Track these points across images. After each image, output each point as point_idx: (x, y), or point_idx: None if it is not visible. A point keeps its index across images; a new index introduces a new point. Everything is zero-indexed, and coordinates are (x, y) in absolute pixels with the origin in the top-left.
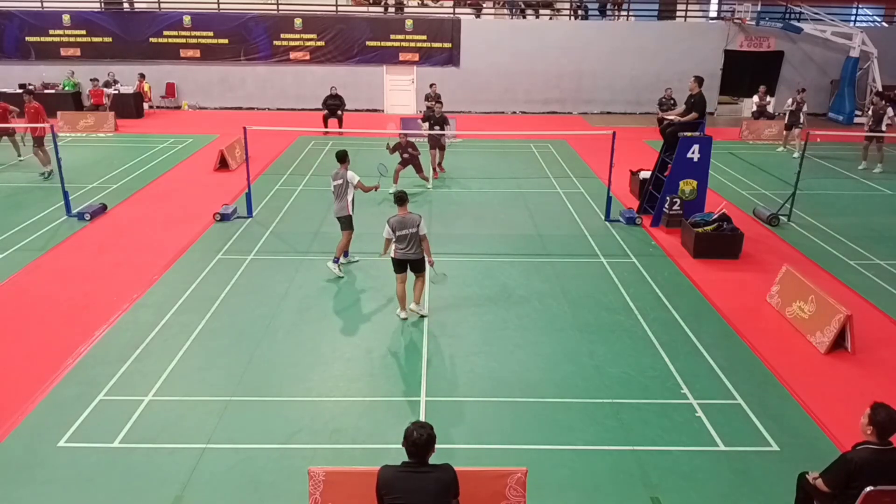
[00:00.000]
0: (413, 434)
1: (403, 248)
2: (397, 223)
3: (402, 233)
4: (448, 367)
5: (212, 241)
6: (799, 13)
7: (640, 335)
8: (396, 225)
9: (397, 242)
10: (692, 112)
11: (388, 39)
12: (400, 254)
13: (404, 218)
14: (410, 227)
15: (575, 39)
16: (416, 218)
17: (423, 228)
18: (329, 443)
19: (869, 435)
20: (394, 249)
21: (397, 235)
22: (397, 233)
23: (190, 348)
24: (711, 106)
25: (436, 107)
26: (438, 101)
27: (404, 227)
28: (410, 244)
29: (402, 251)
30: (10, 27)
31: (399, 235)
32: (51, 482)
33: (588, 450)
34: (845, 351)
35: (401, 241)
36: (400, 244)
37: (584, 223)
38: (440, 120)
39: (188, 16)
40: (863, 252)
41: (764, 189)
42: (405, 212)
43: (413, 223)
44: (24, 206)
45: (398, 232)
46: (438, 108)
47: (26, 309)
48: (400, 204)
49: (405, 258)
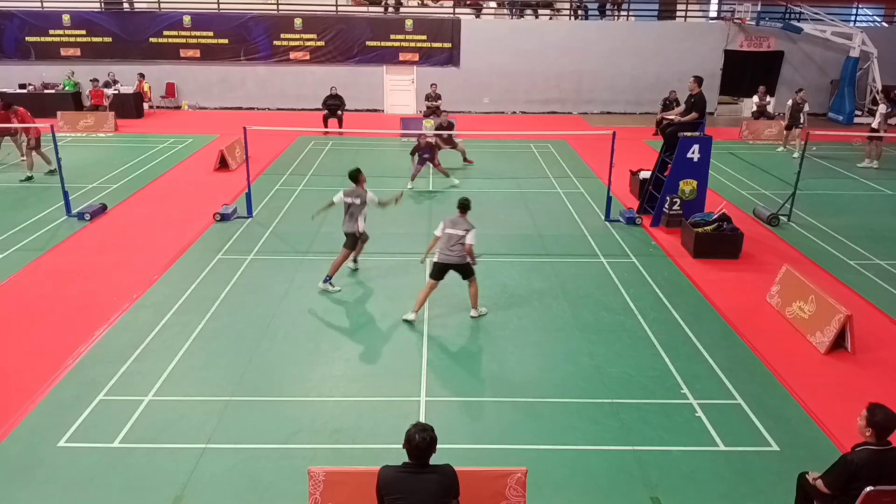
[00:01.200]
0: (415, 438)
1: (446, 250)
2: (449, 222)
3: (450, 231)
4: (448, 367)
5: (212, 241)
6: (799, 13)
7: (640, 335)
8: (448, 223)
9: (443, 241)
10: (692, 112)
11: (388, 39)
12: (440, 256)
13: (457, 219)
14: (460, 229)
15: (575, 39)
16: (468, 225)
17: (471, 239)
18: (329, 443)
19: (868, 436)
20: (437, 253)
21: (446, 233)
22: (447, 230)
23: (190, 348)
24: (711, 106)
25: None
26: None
27: (454, 227)
28: (453, 245)
29: (444, 253)
30: (10, 27)
31: (447, 233)
32: (51, 482)
33: (588, 450)
34: (845, 351)
35: (447, 240)
36: (445, 243)
37: (584, 223)
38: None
39: (188, 16)
40: (863, 252)
41: (764, 189)
42: (463, 216)
43: (463, 227)
44: (24, 206)
45: (447, 230)
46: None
47: (26, 309)
48: (462, 210)
49: (444, 261)
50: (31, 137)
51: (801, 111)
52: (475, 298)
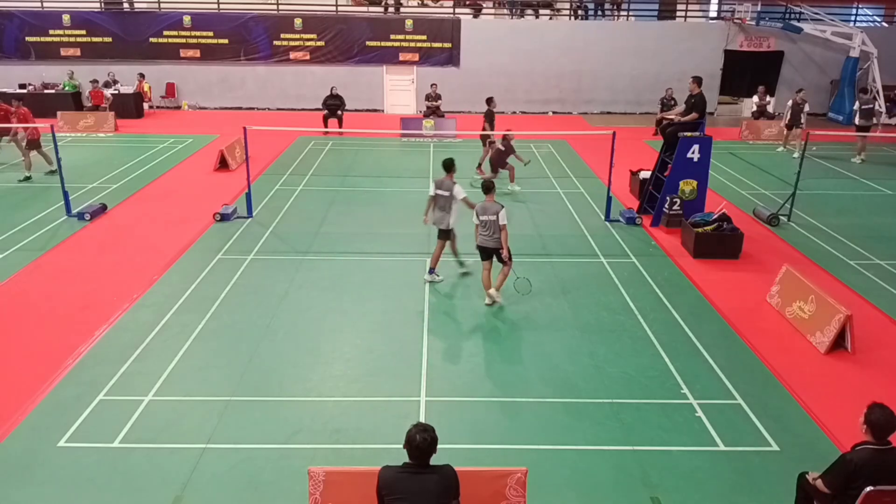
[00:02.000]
0: (416, 438)
1: (484, 235)
2: (480, 209)
3: (484, 218)
4: (448, 367)
5: (212, 241)
6: (799, 13)
7: (640, 335)
8: (480, 210)
9: (480, 228)
10: (692, 112)
11: (388, 39)
12: (480, 240)
13: (487, 205)
14: (490, 214)
15: (575, 39)
16: (497, 206)
17: (503, 218)
18: (329, 443)
19: (866, 434)
20: (476, 235)
21: (480, 220)
22: (480, 217)
23: (190, 348)
24: (711, 106)
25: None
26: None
27: (485, 213)
28: (489, 230)
29: (482, 237)
30: (10, 27)
31: (481, 220)
32: (51, 482)
33: (588, 450)
34: (845, 351)
35: (483, 227)
36: (482, 230)
37: (584, 223)
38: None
39: (188, 16)
40: (863, 252)
41: (764, 189)
42: (490, 199)
43: (493, 211)
44: (24, 206)
45: (481, 217)
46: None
47: (26, 309)
48: (486, 192)
49: (484, 245)
50: (27, 136)
51: (802, 111)
52: (501, 281)
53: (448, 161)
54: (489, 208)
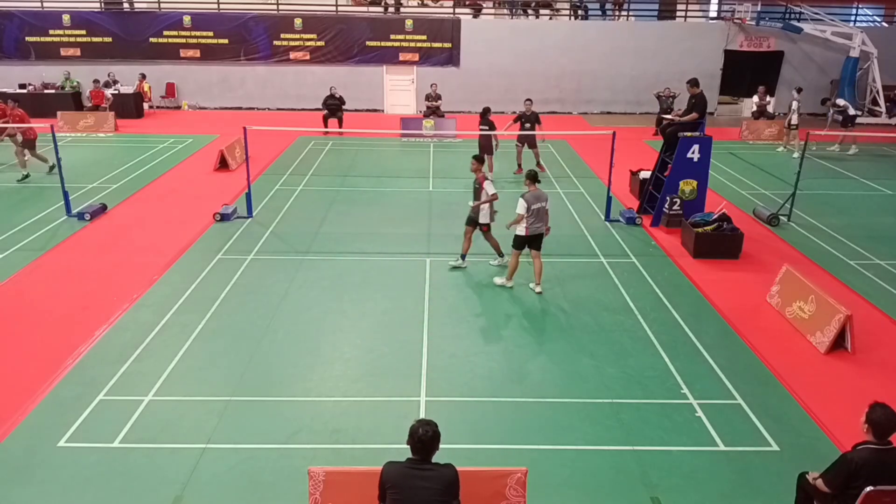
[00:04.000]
0: (419, 431)
1: (535, 223)
2: (532, 198)
3: (536, 206)
4: (448, 367)
5: (212, 241)
6: (799, 13)
7: (640, 335)
8: (532, 199)
9: (530, 217)
10: (692, 112)
11: (388, 39)
12: (532, 229)
13: (538, 193)
14: (543, 200)
15: (575, 39)
16: (546, 194)
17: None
18: (329, 443)
19: (867, 434)
20: (524, 227)
21: (533, 209)
22: (532, 206)
23: (190, 348)
24: (711, 106)
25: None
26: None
27: (538, 201)
28: (541, 218)
29: (534, 226)
30: (10, 27)
31: (534, 209)
32: (51, 482)
33: (588, 450)
34: (845, 351)
35: (534, 215)
36: (533, 219)
37: (584, 223)
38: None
39: (188, 16)
40: (863, 252)
41: (764, 189)
42: (535, 188)
43: (545, 197)
44: (24, 206)
45: (533, 206)
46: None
47: (27, 309)
48: (532, 181)
49: (537, 233)
50: (24, 136)
51: (796, 111)
52: (539, 273)
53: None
54: (541, 196)
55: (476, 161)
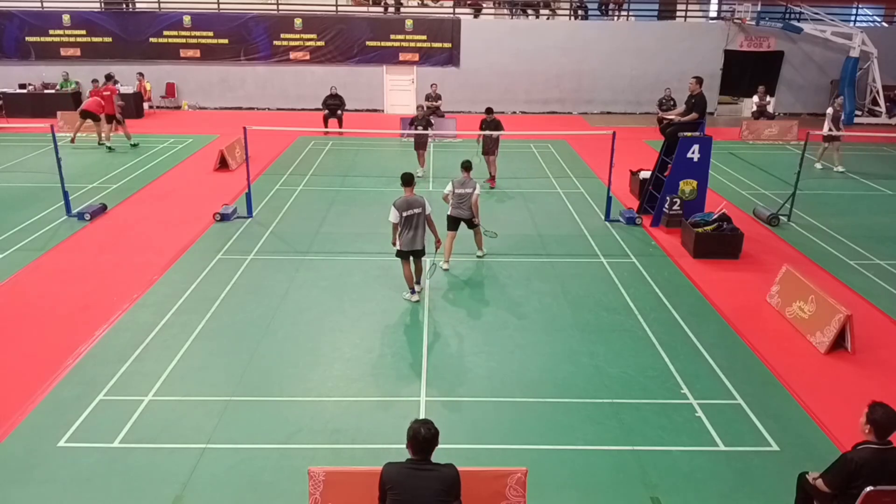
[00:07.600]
0: (420, 430)
1: (456, 209)
2: (404, 203)
3: (409, 213)
4: (448, 367)
5: (212, 241)
6: (799, 13)
7: (640, 335)
8: (403, 205)
9: (405, 227)
10: (692, 112)
11: (388, 39)
12: (455, 213)
13: (409, 199)
14: (416, 207)
15: (575, 39)
16: (421, 199)
17: (428, 207)
18: (329, 443)
19: (867, 434)
20: (399, 239)
21: (456, 192)
22: (457, 190)
23: (190, 348)
24: (711, 106)
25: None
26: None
27: (410, 208)
28: (418, 225)
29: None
30: (10, 27)
31: (457, 193)
32: (51, 482)
33: (588, 450)
34: (845, 351)
35: (408, 222)
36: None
37: (584, 223)
38: (425, 121)
39: (188, 16)
40: (863, 252)
41: (764, 189)
42: (410, 193)
43: (418, 204)
44: (24, 206)
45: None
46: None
47: (26, 309)
48: (406, 185)
49: (412, 249)
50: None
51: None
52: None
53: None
54: (413, 202)
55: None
